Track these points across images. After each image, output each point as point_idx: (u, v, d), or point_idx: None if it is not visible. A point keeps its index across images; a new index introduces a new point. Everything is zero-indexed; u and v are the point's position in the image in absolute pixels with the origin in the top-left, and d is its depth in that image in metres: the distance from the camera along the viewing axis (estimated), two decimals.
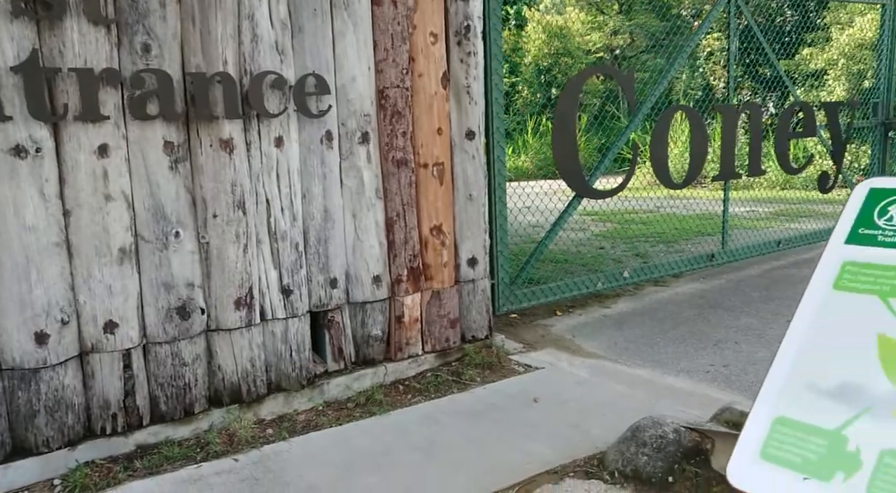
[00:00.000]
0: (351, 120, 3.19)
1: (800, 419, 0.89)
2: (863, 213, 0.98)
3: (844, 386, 0.85)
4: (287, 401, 3.11)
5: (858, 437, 0.83)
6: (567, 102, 4.29)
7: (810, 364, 0.92)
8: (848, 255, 0.98)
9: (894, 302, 0.88)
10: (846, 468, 0.82)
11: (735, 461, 0.92)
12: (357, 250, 3.30)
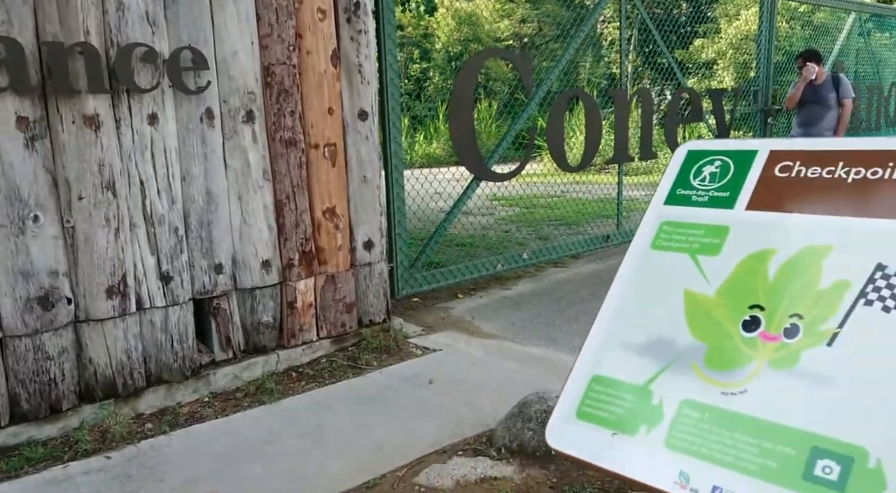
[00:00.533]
0: (234, 97, 3.05)
1: (613, 377, 0.90)
2: (681, 174, 1.01)
3: (653, 342, 0.87)
4: (169, 393, 2.96)
5: (662, 390, 0.85)
6: (463, 84, 4.28)
7: (625, 322, 0.94)
8: (665, 215, 1.00)
9: (702, 259, 0.90)
10: (649, 421, 0.83)
11: (553, 422, 0.92)
12: (244, 234, 3.17)
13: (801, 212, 0.88)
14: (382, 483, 2.33)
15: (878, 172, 0.85)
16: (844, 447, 0.70)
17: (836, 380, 0.75)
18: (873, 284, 0.79)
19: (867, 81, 8.79)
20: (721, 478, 0.74)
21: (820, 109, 6.23)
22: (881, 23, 9.78)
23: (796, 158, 0.93)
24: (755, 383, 0.79)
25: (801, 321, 0.81)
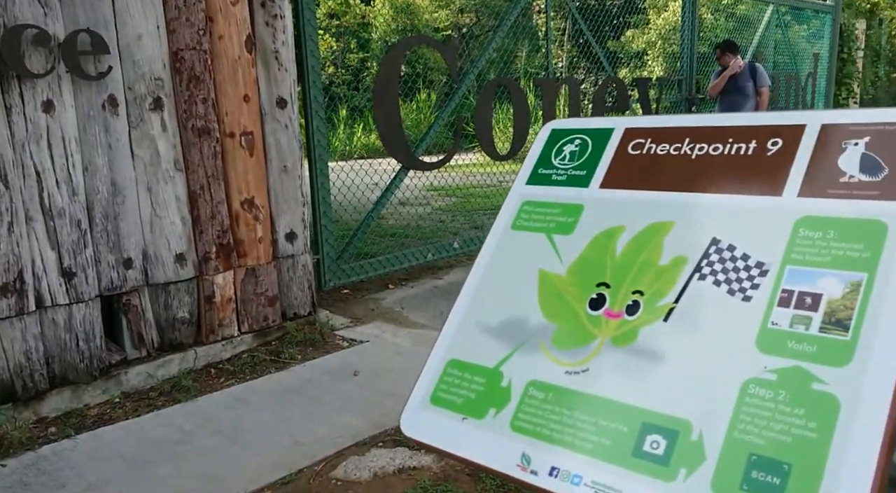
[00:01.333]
0: (139, 84, 2.91)
1: (467, 360, 0.88)
2: (543, 153, 1.00)
3: (507, 323, 0.86)
4: (76, 395, 2.82)
5: (512, 372, 0.84)
6: (388, 72, 4.22)
7: (482, 305, 0.93)
8: (527, 194, 0.99)
9: (557, 238, 0.90)
10: (497, 404, 0.82)
11: (407, 409, 0.91)
12: (155, 226, 3.04)
13: (648, 189, 0.88)
14: (299, 479, 2.27)
15: (719, 147, 0.86)
16: (671, 421, 0.71)
17: (669, 355, 0.75)
18: (707, 258, 0.79)
19: (785, 71, 9.15)
20: (560, 458, 0.74)
21: (739, 97, 6.44)
22: (798, 16, 10.19)
23: (648, 135, 0.93)
24: (596, 361, 0.78)
25: (641, 298, 0.81)
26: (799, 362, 0.70)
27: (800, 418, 0.68)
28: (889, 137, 0.77)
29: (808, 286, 0.73)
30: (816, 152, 0.81)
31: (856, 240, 0.73)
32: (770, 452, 0.68)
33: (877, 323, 0.69)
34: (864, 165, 0.78)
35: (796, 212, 0.79)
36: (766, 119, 0.87)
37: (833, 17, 10.10)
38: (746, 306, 0.76)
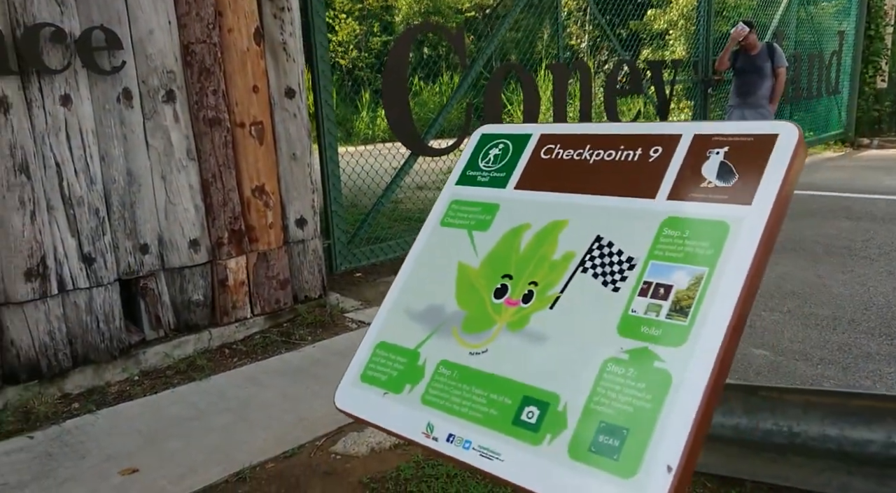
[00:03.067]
0: (152, 77, 3.03)
1: (392, 342, 0.98)
2: (472, 156, 1.09)
3: (427, 310, 0.96)
4: (97, 373, 2.99)
5: (427, 353, 0.94)
6: (396, 59, 4.30)
7: (410, 293, 1.02)
8: (455, 194, 1.08)
9: (476, 234, 0.99)
10: (412, 380, 0.92)
11: (341, 386, 1.01)
12: (170, 213, 3.19)
13: (552, 190, 0.97)
14: (301, 453, 2.41)
15: (612, 153, 0.94)
16: (544, 394, 0.81)
17: (550, 337, 0.85)
18: (591, 253, 0.88)
19: (809, 51, 8.99)
20: (456, 427, 0.84)
21: (757, 78, 6.37)
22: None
23: (558, 141, 1.02)
24: (494, 343, 0.88)
25: (535, 288, 0.90)
26: (647, 343, 0.80)
27: (640, 391, 0.78)
28: (744, 147, 0.85)
29: (663, 279, 0.83)
30: (687, 160, 0.89)
31: (704, 238, 0.82)
32: (614, 420, 0.78)
33: (709, 310, 0.78)
34: (720, 173, 0.86)
35: (663, 213, 0.88)
36: (651, 129, 0.95)
37: None
38: (614, 295, 0.85)
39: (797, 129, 0.83)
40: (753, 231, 0.78)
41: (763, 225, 0.78)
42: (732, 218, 0.83)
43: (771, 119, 6.57)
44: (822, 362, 2.92)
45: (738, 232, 0.80)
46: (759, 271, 0.79)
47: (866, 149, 10.20)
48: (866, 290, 3.75)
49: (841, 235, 4.91)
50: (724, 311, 0.78)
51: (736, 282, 0.78)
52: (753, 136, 0.85)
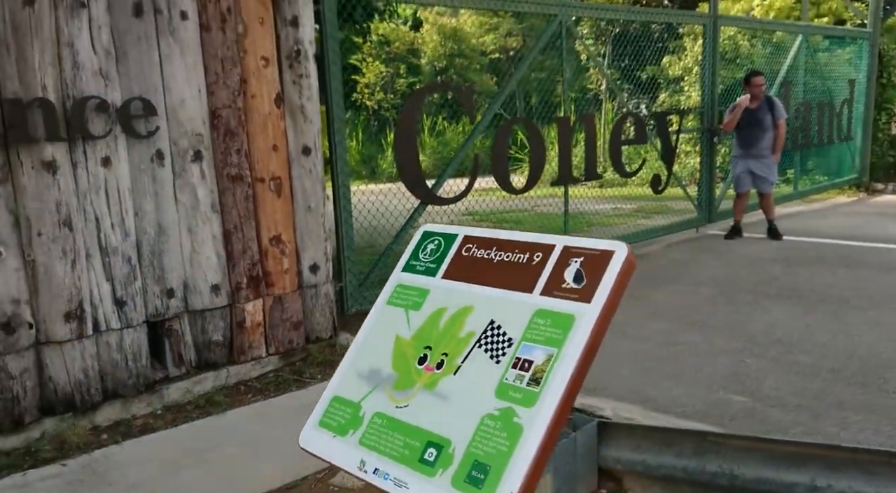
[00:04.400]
0: (183, 139, 3.39)
1: (344, 396, 1.25)
2: (415, 249, 1.36)
3: (371, 371, 1.22)
4: (125, 407, 3.28)
5: (367, 405, 1.20)
6: (408, 116, 4.64)
7: (360, 357, 1.29)
8: (400, 279, 1.35)
9: (411, 313, 1.26)
10: (354, 426, 1.19)
11: (304, 429, 1.28)
12: (194, 261, 3.51)
13: (467, 281, 1.24)
14: (302, 484, 2.65)
15: (510, 255, 1.21)
16: (440, 440, 1.07)
17: (451, 396, 1.11)
18: (485, 334, 1.15)
19: (818, 99, 9.19)
20: (380, 463, 1.11)
21: (758, 130, 6.61)
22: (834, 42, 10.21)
23: (475, 242, 1.29)
24: (414, 399, 1.15)
25: (446, 358, 1.16)
26: (512, 404, 1.06)
27: (502, 439, 1.03)
28: (593, 259, 1.12)
29: (528, 355, 1.09)
30: (556, 265, 1.15)
31: (558, 326, 1.08)
32: (483, 459, 1.04)
33: (553, 380, 1.04)
34: (575, 277, 1.12)
35: (536, 305, 1.14)
36: (537, 239, 1.22)
37: (871, 43, 10.08)
38: (497, 366, 1.11)
39: (627, 248, 1.10)
40: (589, 322, 1.05)
41: (596, 318, 1.05)
42: (577, 312, 1.09)
43: (775, 168, 6.78)
44: (796, 409, 3.09)
45: (580, 323, 1.07)
46: (591, 352, 1.06)
47: (881, 194, 10.28)
48: (851, 339, 3.90)
49: (836, 284, 5.06)
50: (562, 381, 1.03)
51: (573, 360, 1.04)
52: (599, 250, 1.11)
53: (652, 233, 6.96)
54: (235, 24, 3.52)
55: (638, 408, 3.24)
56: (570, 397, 1.02)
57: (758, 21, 10.33)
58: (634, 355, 3.93)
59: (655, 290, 5.29)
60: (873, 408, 3.04)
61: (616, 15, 6.85)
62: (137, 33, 3.18)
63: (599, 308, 1.07)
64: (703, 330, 4.26)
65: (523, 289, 1.16)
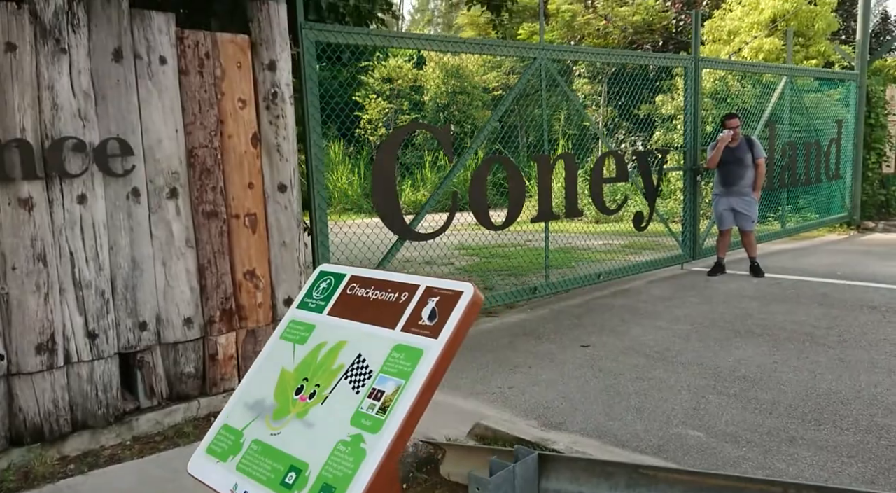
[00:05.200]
0: (159, 177, 3.53)
1: (230, 424, 1.34)
2: (310, 287, 1.47)
3: (256, 401, 1.31)
4: (93, 437, 3.36)
5: (248, 433, 1.29)
6: (386, 155, 4.79)
7: (249, 388, 1.38)
8: (293, 315, 1.45)
9: (297, 346, 1.36)
10: (234, 452, 1.28)
11: (193, 456, 1.36)
12: (168, 294, 3.62)
13: (345, 318, 1.34)
14: None
15: (384, 294, 1.31)
16: (300, 464, 1.16)
17: (316, 424, 1.20)
18: (352, 366, 1.24)
19: (804, 139, 9.33)
20: (250, 486, 1.21)
21: (739, 168, 6.74)
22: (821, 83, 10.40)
23: (359, 281, 1.40)
24: (286, 427, 1.24)
25: (318, 389, 1.26)
26: (362, 431, 1.15)
27: (349, 462, 1.12)
28: (446, 298, 1.22)
29: (382, 386, 1.18)
30: (417, 304, 1.26)
31: (409, 360, 1.18)
32: (331, 481, 1.13)
33: (396, 409, 1.13)
34: (430, 315, 1.22)
35: (396, 340, 1.24)
36: (406, 279, 1.32)
37: (858, 85, 10.26)
38: (356, 396, 1.20)
39: (473, 288, 1.20)
40: (434, 356, 1.15)
41: (440, 352, 1.15)
42: (426, 346, 1.19)
43: (755, 206, 6.88)
44: (749, 444, 3.13)
45: (426, 356, 1.16)
46: (434, 382, 1.16)
47: (871, 232, 10.34)
48: (813, 377, 3.94)
49: (808, 322, 5.11)
50: (403, 410, 1.13)
51: (415, 391, 1.14)
52: (452, 291, 1.22)
53: (636, 269, 7.04)
54: (213, 68, 3.69)
55: (596, 442, 3.29)
56: (410, 423, 1.11)
57: (739, 63, 10.56)
58: (605, 389, 3.99)
59: (634, 325, 5.36)
60: (823, 445, 3.08)
61: (595, 58, 7.04)
62: (117, 77, 3.35)
63: (444, 344, 1.16)
64: (672, 366, 4.31)
65: (388, 325, 1.26)
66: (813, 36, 12.48)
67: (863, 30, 10.33)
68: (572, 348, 4.87)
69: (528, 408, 3.78)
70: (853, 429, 3.24)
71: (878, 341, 4.57)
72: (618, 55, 7.32)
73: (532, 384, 4.16)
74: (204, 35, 3.66)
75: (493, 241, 9.49)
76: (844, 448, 3.04)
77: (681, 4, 16.67)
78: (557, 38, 17.00)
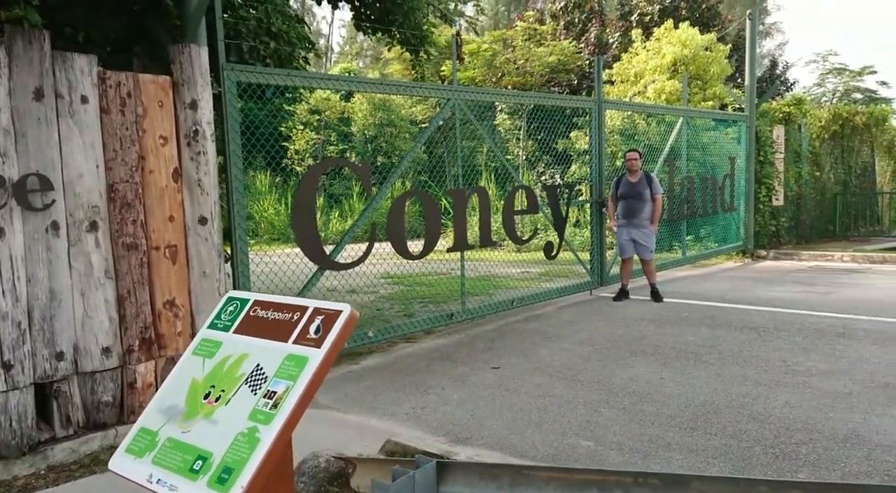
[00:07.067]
0: (79, 211, 3.65)
1: (146, 427, 1.58)
2: (219, 310, 1.74)
3: (169, 406, 1.55)
4: (6, 468, 3.39)
5: (162, 433, 1.55)
6: (306, 188, 5.03)
7: (164, 396, 1.63)
8: (204, 335, 1.71)
9: (206, 360, 1.62)
10: (150, 449, 1.52)
11: (114, 455, 1.59)
12: (86, 325, 3.71)
13: (248, 335, 1.61)
14: None
15: (280, 314, 1.59)
16: (206, 453, 1.43)
17: (220, 422, 1.47)
18: (252, 374, 1.52)
19: (701, 174, 10.16)
20: (163, 475, 1.47)
21: (638, 202, 7.33)
22: (718, 123, 11.35)
23: (260, 304, 1.68)
24: (195, 426, 1.51)
25: (223, 393, 1.52)
26: (256, 423, 1.42)
27: (246, 449, 1.39)
28: (329, 316, 1.52)
29: (275, 388, 1.47)
30: (306, 322, 1.55)
31: (297, 366, 1.47)
32: (231, 464, 1.39)
33: (284, 405, 1.40)
34: (315, 330, 1.52)
35: (287, 351, 1.54)
36: (298, 302, 1.61)
37: (748, 125, 11.26)
38: (254, 397, 1.48)
39: (350, 308, 1.50)
40: (316, 362, 1.43)
41: (321, 359, 1.43)
42: (311, 355, 1.48)
43: (653, 237, 7.47)
44: (631, 451, 3.50)
45: (310, 363, 1.45)
46: (316, 382, 1.44)
47: (763, 260, 11.26)
48: (693, 390, 4.40)
49: (694, 342, 5.63)
50: (290, 405, 1.40)
51: (301, 389, 1.42)
52: (333, 310, 1.51)
53: (547, 295, 7.48)
54: (135, 106, 3.87)
55: (498, 454, 3.59)
56: (296, 414, 1.37)
57: (639, 105, 11.40)
58: (509, 407, 4.30)
59: (542, 347, 5.73)
60: (694, 448, 3.49)
61: (507, 99, 7.54)
62: (38, 115, 3.48)
63: (324, 352, 1.45)
64: (572, 384, 4.68)
65: (283, 339, 1.54)
66: (709, 79, 13.58)
67: (750, 76, 11.38)
68: (484, 370, 5.19)
69: (437, 426, 4.04)
70: (720, 434, 3.67)
71: (752, 357, 5.11)
72: (528, 97, 7.86)
73: (443, 404, 4.43)
74: (126, 76, 3.84)
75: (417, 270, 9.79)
76: (711, 451, 3.46)
77: (593, 47, 17.76)
78: (479, 75, 17.71)
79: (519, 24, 18.35)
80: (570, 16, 19.05)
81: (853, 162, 14.97)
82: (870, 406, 3.98)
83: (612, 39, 18.08)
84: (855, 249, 11.67)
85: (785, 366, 4.87)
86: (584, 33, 18.70)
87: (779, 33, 31.29)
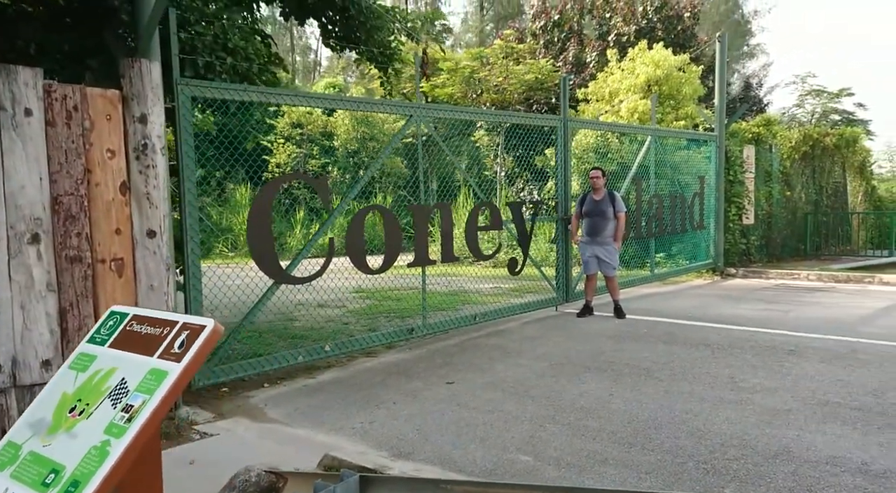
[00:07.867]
0: (20, 223, 3.65)
1: (13, 440, 1.60)
2: (100, 324, 1.76)
3: (38, 420, 1.58)
4: None
5: (26, 446, 1.58)
6: (261, 203, 5.05)
7: (34, 410, 1.66)
8: (82, 349, 1.74)
9: (79, 374, 1.64)
10: (11, 463, 1.55)
11: None
12: (26, 338, 3.69)
13: (120, 349, 1.64)
14: None
15: (152, 328, 1.62)
16: (59, 467, 1.46)
17: (79, 435, 1.51)
18: (116, 388, 1.55)
19: (670, 192, 10.29)
20: (17, 488, 1.51)
21: (602, 220, 7.41)
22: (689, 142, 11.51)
23: (137, 319, 1.71)
24: (55, 439, 1.53)
25: (87, 407, 1.54)
26: (110, 437, 1.44)
27: (96, 462, 1.41)
28: (194, 330, 1.55)
29: (133, 401, 1.51)
30: (174, 337, 1.58)
31: (157, 380, 1.50)
32: (79, 477, 1.42)
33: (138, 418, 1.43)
34: (180, 344, 1.55)
35: (151, 365, 1.57)
36: (169, 317, 1.64)
37: (718, 145, 11.44)
38: (114, 410, 1.50)
39: (214, 322, 1.53)
40: (173, 376, 1.46)
41: (179, 373, 1.46)
42: (170, 369, 1.51)
43: (616, 254, 7.54)
44: (568, 466, 3.52)
45: (169, 377, 1.48)
46: (172, 396, 1.47)
47: (733, 277, 11.38)
48: (639, 406, 4.44)
49: (649, 358, 5.68)
50: (143, 418, 1.43)
51: (155, 403, 1.45)
52: (199, 325, 1.54)
53: (511, 310, 7.52)
54: (82, 119, 3.88)
55: (438, 469, 3.59)
56: (148, 428, 1.39)
57: (607, 124, 11.55)
58: (457, 421, 4.32)
59: (500, 363, 5.76)
60: (629, 464, 3.52)
61: (469, 116, 7.63)
62: None
63: (183, 366, 1.48)
64: (522, 399, 4.71)
65: (150, 354, 1.56)
66: (682, 99, 13.79)
67: (720, 96, 11.58)
68: (438, 385, 5.20)
69: (382, 441, 4.05)
70: (657, 450, 3.70)
71: (702, 374, 5.16)
72: (493, 115, 7.96)
73: (392, 419, 4.43)
74: (73, 89, 3.86)
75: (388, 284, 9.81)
76: (644, 466, 3.49)
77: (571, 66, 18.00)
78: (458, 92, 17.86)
79: (497, 42, 18.59)
80: (549, 34, 19.32)
81: (825, 182, 15.21)
82: (805, 423, 4.04)
83: (589, 58, 18.34)
84: (822, 267, 11.84)
85: (732, 383, 4.92)
86: (563, 52, 18.97)
87: (763, 54, 31.85)
